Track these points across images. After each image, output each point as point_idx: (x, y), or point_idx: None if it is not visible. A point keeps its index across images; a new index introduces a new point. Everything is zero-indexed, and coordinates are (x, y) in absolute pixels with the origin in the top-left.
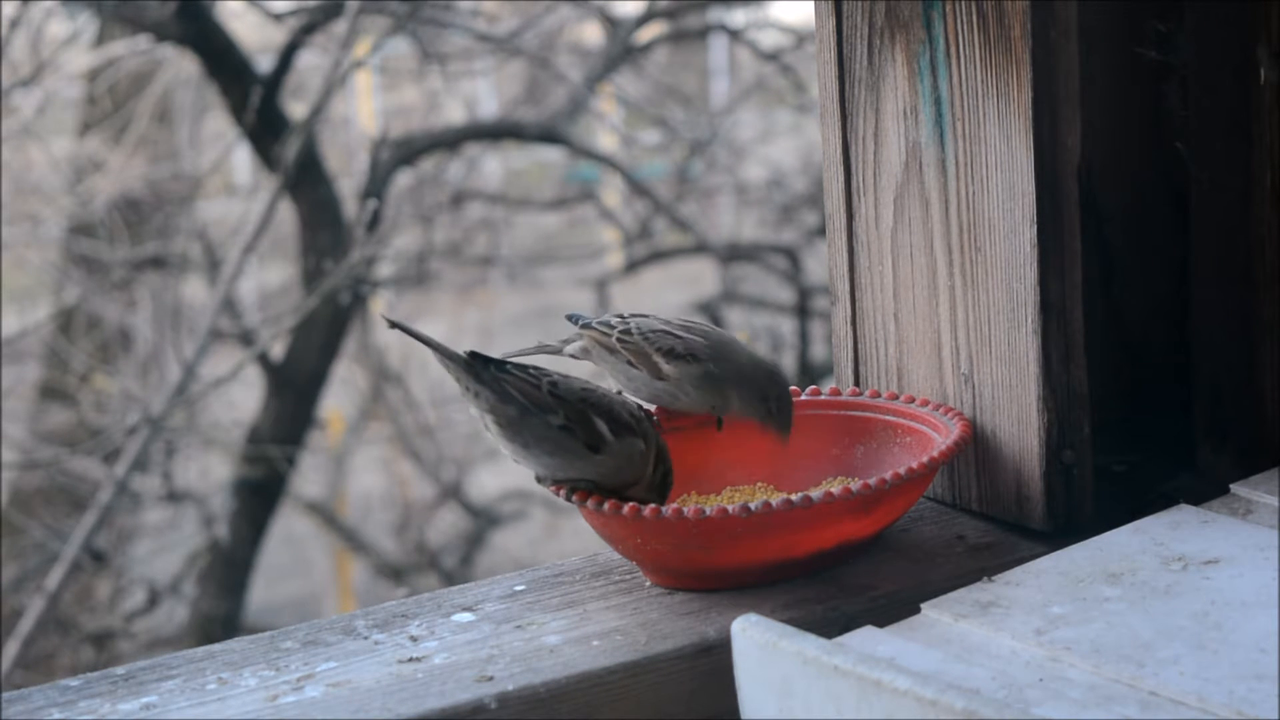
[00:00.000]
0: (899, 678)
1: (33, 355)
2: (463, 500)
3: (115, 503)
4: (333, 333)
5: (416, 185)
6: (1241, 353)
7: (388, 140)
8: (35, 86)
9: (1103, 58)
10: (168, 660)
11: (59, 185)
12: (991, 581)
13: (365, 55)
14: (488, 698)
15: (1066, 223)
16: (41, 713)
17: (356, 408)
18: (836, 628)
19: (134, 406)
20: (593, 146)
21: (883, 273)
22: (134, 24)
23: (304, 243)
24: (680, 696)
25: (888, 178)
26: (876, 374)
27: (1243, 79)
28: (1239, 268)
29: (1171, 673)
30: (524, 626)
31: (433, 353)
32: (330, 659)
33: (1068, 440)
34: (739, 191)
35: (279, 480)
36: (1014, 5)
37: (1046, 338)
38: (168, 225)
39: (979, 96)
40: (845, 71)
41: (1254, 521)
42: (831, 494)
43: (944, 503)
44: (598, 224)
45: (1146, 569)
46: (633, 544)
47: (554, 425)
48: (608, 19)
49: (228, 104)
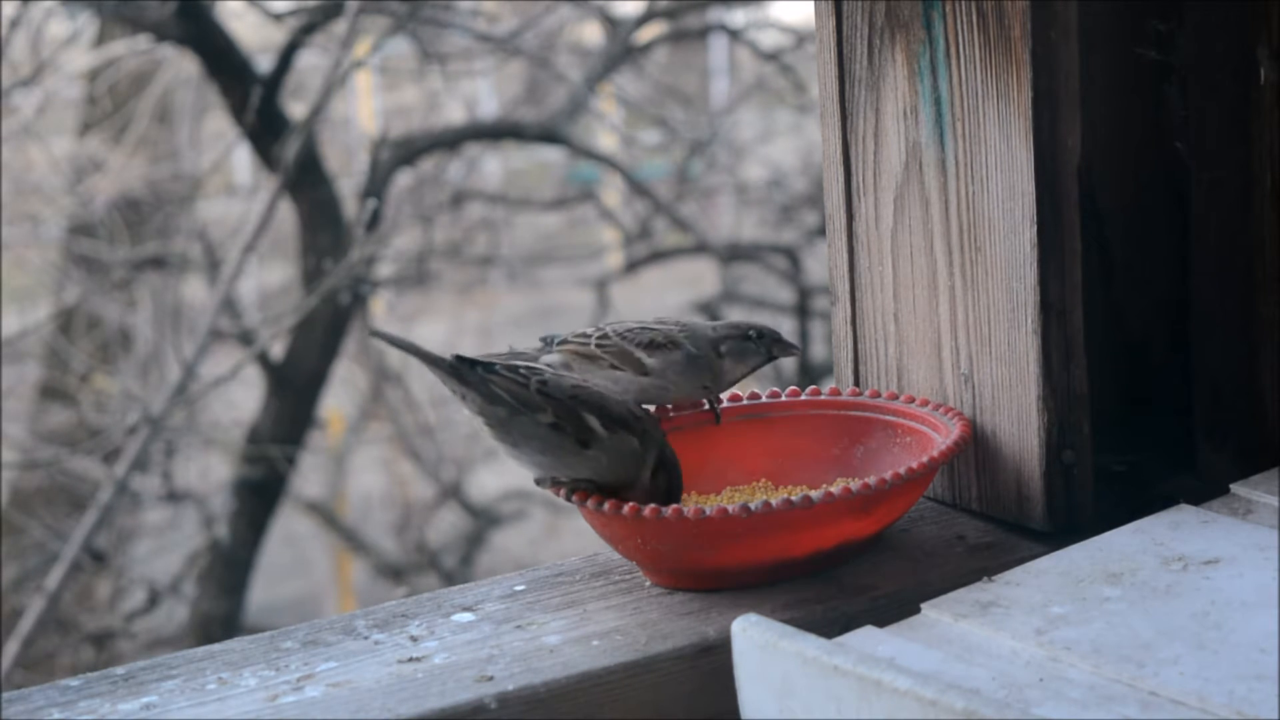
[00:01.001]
0: (899, 678)
1: (33, 355)
2: (463, 500)
3: (115, 503)
4: (333, 333)
5: (416, 185)
6: (1241, 353)
7: (388, 140)
8: (35, 86)
9: (1103, 58)
10: (168, 660)
11: (59, 185)
12: (991, 581)
13: (365, 55)
14: (488, 698)
15: (1066, 223)
16: (41, 713)
17: (356, 408)
18: (836, 628)
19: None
20: (593, 146)
21: (883, 273)
22: (134, 24)
23: (304, 243)
24: (680, 696)
25: (888, 178)
26: (876, 374)
27: (1243, 79)
28: (1239, 268)
29: (1171, 673)
30: (524, 626)
31: (419, 360)
32: (330, 659)
33: (1068, 440)
34: (739, 191)
35: (279, 480)
36: (1014, 5)
37: (1046, 338)
38: (168, 225)
39: (979, 96)
40: (845, 71)
41: (1254, 521)
42: (831, 494)
43: (944, 503)
44: (598, 224)
45: (1146, 569)
46: (633, 544)
47: (542, 424)
48: (608, 19)
49: (228, 104)
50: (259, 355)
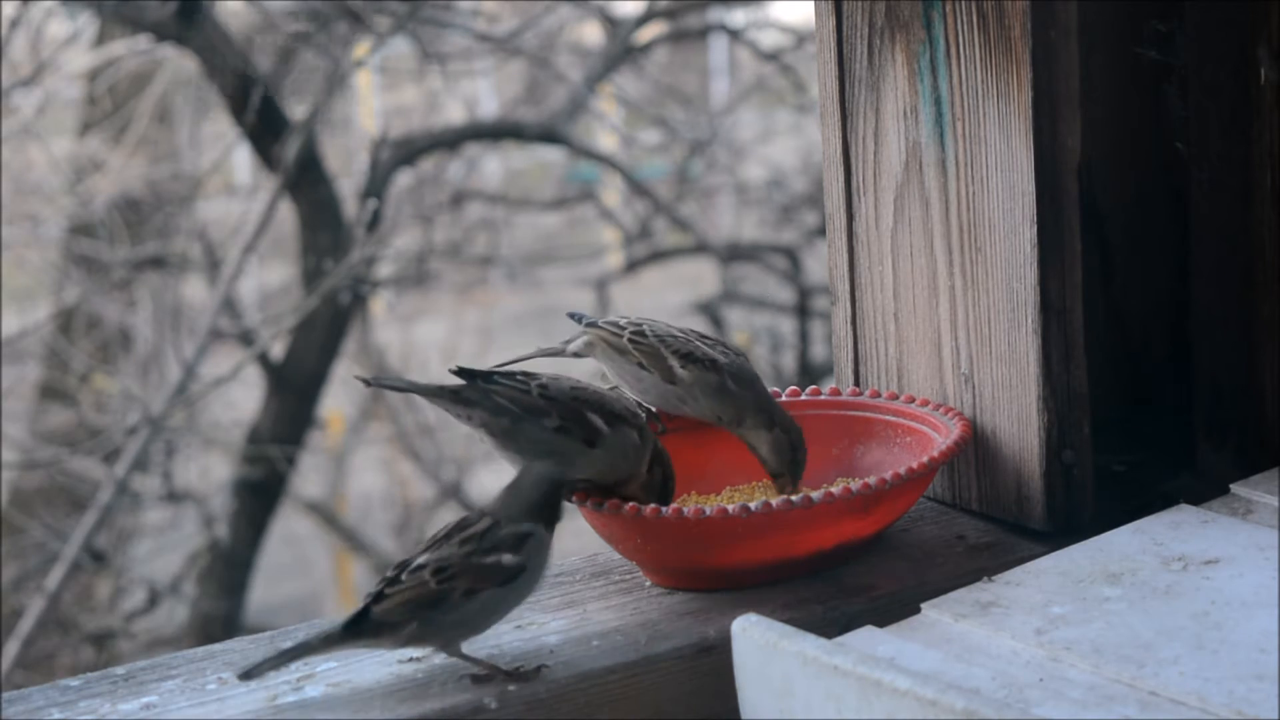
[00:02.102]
0: (899, 678)
1: (33, 355)
2: (463, 500)
3: (115, 503)
4: (333, 333)
5: (416, 185)
6: (1241, 353)
7: (388, 140)
8: (35, 86)
9: (1103, 58)
10: (168, 660)
11: (59, 185)
12: (991, 581)
13: (365, 55)
14: (488, 698)
15: (1066, 223)
16: (41, 713)
17: (356, 408)
18: (836, 628)
19: (134, 406)
20: (593, 146)
21: (883, 273)
22: (134, 24)
23: (304, 243)
24: (680, 696)
25: (888, 178)
26: (876, 374)
27: (1243, 79)
28: (1239, 268)
29: (1171, 673)
30: (524, 626)
31: (421, 396)
32: (330, 659)
33: (1068, 440)
34: (739, 191)
35: (279, 480)
36: (1014, 5)
37: (1046, 338)
38: (168, 225)
39: (979, 96)
40: (845, 71)
41: (1254, 521)
42: (831, 494)
43: (944, 503)
44: (598, 224)
45: (1146, 569)
46: (633, 544)
47: (549, 428)
48: (608, 19)
49: (228, 104)
50: (259, 355)
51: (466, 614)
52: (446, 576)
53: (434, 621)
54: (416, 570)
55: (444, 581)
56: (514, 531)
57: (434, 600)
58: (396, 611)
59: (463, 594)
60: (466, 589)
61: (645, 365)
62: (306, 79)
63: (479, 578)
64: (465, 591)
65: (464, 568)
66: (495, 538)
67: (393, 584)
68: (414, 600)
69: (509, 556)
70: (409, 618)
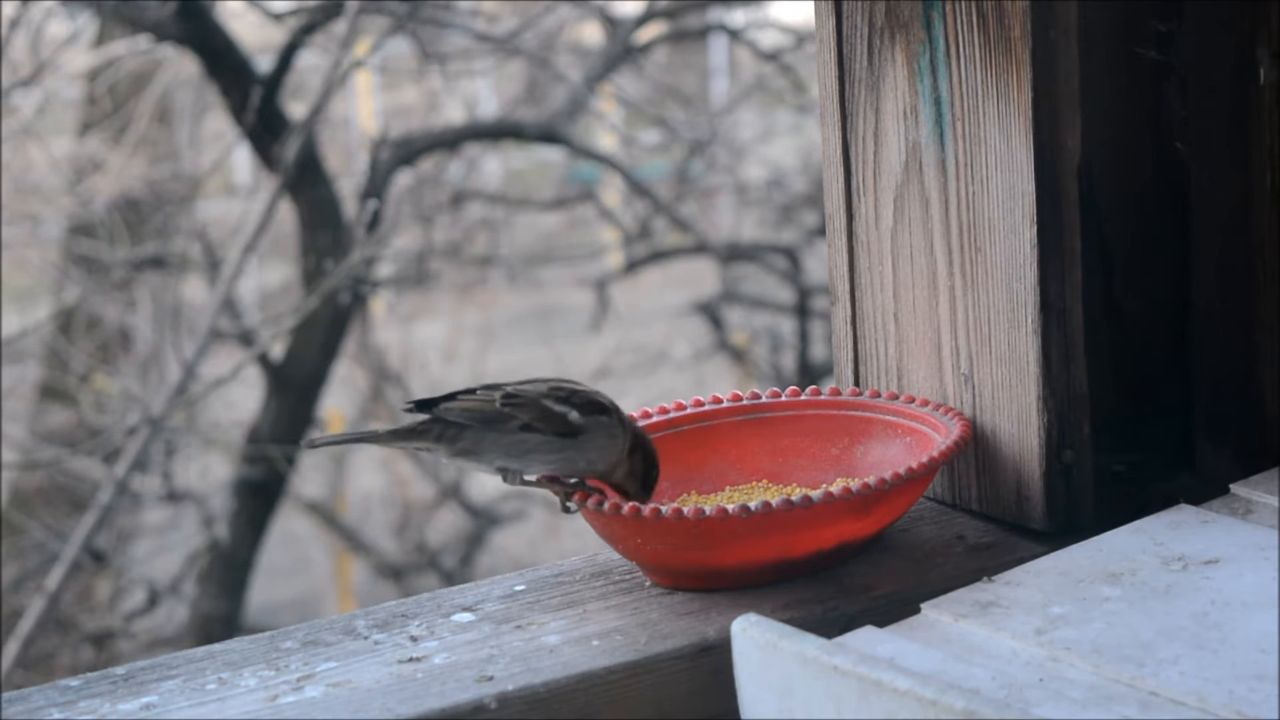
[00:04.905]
0: (899, 678)
1: (33, 355)
2: (463, 500)
3: (115, 503)
4: (333, 333)
5: (416, 185)
6: (1241, 353)
7: (388, 140)
8: (35, 86)
9: (1103, 58)
10: (168, 660)
11: (59, 185)
12: (991, 581)
13: (365, 55)
14: (488, 698)
15: (1066, 223)
16: (41, 713)
17: (356, 408)
18: (836, 628)
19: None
20: (593, 146)
21: (883, 273)
22: (134, 24)
23: (304, 243)
24: (680, 696)
25: (888, 178)
26: (876, 374)
27: (1242, 79)
28: (1239, 268)
29: (1171, 673)
30: (524, 626)
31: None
32: (330, 659)
33: (1068, 440)
34: (739, 191)
35: (279, 480)
36: (1014, 5)
37: (1046, 338)
38: (168, 225)
39: (979, 96)
40: (845, 71)
41: (1254, 521)
42: (831, 494)
43: (944, 503)
44: (598, 224)
45: (1146, 569)
46: (633, 544)
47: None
48: (608, 19)
49: (228, 104)
50: (259, 355)
51: (515, 446)
52: (514, 404)
53: (485, 439)
54: (492, 388)
55: (509, 406)
56: (593, 400)
57: (492, 418)
58: (457, 413)
59: (520, 425)
60: (525, 422)
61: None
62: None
63: (541, 417)
64: (524, 425)
65: (533, 404)
66: (575, 398)
67: (467, 393)
68: (476, 411)
69: (576, 415)
70: (466, 426)
